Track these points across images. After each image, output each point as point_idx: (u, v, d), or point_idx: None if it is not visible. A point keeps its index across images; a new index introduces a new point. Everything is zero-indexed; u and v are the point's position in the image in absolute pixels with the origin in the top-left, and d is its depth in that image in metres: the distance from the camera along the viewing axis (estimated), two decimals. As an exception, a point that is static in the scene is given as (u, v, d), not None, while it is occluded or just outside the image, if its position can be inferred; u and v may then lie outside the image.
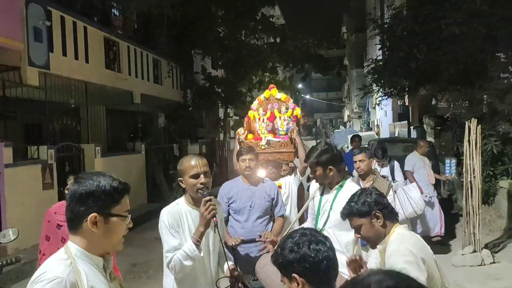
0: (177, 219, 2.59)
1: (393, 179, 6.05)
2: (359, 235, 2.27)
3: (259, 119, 4.93)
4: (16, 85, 7.21)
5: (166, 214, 2.60)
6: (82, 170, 8.48)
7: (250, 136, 4.86)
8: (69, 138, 8.98)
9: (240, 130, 4.86)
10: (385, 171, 6.16)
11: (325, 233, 3.11)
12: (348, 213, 2.28)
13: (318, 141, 3.34)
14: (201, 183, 2.54)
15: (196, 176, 2.55)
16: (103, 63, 9.75)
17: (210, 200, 2.47)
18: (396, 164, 6.40)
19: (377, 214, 2.21)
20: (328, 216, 3.08)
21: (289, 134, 4.68)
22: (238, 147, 4.58)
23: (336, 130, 36.21)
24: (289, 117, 4.88)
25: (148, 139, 11.86)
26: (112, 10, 11.12)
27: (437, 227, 6.85)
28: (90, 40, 9.14)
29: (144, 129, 12.46)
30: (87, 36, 9.02)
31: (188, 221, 2.62)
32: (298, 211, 4.51)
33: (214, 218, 2.46)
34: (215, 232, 2.55)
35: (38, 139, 8.24)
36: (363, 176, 4.50)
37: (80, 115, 10.17)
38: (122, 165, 10.02)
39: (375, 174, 4.63)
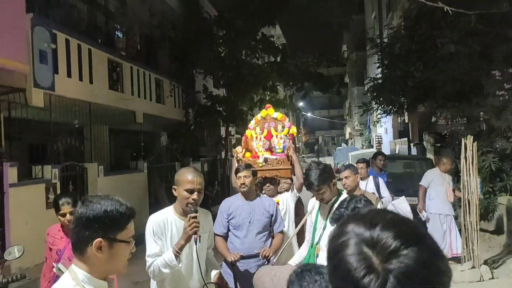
0: (162, 227, 2.76)
1: (380, 196, 6.02)
2: None
3: (256, 137, 5.08)
4: (22, 106, 7.36)
5: (152, 222, 2.78)
6: (85, 189, 8.62)
7: (247, 154, 5.00)
8: (72, 158, 9.12)
9: (238, 149, 5.02)
10: (371, 188, 6.05)
11: (320, 247, 3.21)
12: (338, 218, 2.35)
13: (307, 168, 3.35)
14: (193, 199, 2.69)
15: (190, 191, 2.69)
16: (106, 83, 9.95)
17: (195, 217, 2.61)
18: (381, 180, 6.33)
19: None
20: (324, 230, 3.17)
21: (285, 152, 4.82)
22: (236, 164, 4.71)
23: (337, 148, 36.31)
24: (286, 136, 5.04)
25: (150, 157, 11.98)
26: (116, 31, 11.38)
27: (453, 247, 6.85)
28: (94, 61, 9.35)
29: (146, 148, 12.60)
30: (91, 57, 9.23)
31: (172, 229, 2.77)
32: (296, 226, 4.61)
33: (195, 235, 2.62)
34: (196, 245, 2.68)
35: (42, 158, 8.37)
36: (350, 192, 4.53)
37: (84, 135, 10.32)
38: (125, 184, 10.12)
39: (361, 189, 4.74)
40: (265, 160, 4.80)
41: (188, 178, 2.70)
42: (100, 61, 9.67)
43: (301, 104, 33.99)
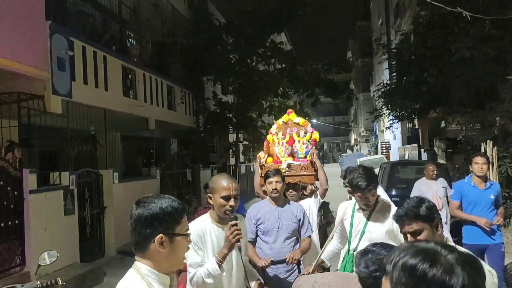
0: (201, 236, 2.70)
1: None
2: (414, 240, 2.15)
3: (278, 143, 5.06)
4: (40, 113, 7.40)
5: (191, 231, 2.72)
6: (101, 195, 8.65)
7: (269, 159, 4.99)
8: (86, 164, 9.14)
9: (261, 154, 5.00)
10: None
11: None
12: (414, 215, 2.17)
13: (351, 171, 3.22)
14: (230, 206, 2.66)
15: (227, 198, 2.66)
16: (121, 90, 9.98)
17: (235, 224, 2.58)
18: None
19: (439, 223, 2.19)
20: (362, 236, 3.15)
21: (309, 157, 4.80)
22: (259, 170, 4.71)
23: (343, 154, 36.25)
24: (308, 141, 5.02)
25: (162, 164, 12.01)
26: (129, 39, 11.45)
27: None
28: (109, 68, 9.38)
29: (158, 154, 12.62)
30: (106, 65, 9.26)
31: (212, 238, 2.72)
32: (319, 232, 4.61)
33: (238, 243, 2.59)
34: (241, 253, 2.67)
35: (59, 165, 8.40)
36: None
37: (98, 141, 10.36)
38: (139, 190, 10.12)
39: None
40: (288, 165, 4.78)
41: (223, 184, 2.66)
42: (114, 68, 9.71)
43: (307, 110, 34.02)
